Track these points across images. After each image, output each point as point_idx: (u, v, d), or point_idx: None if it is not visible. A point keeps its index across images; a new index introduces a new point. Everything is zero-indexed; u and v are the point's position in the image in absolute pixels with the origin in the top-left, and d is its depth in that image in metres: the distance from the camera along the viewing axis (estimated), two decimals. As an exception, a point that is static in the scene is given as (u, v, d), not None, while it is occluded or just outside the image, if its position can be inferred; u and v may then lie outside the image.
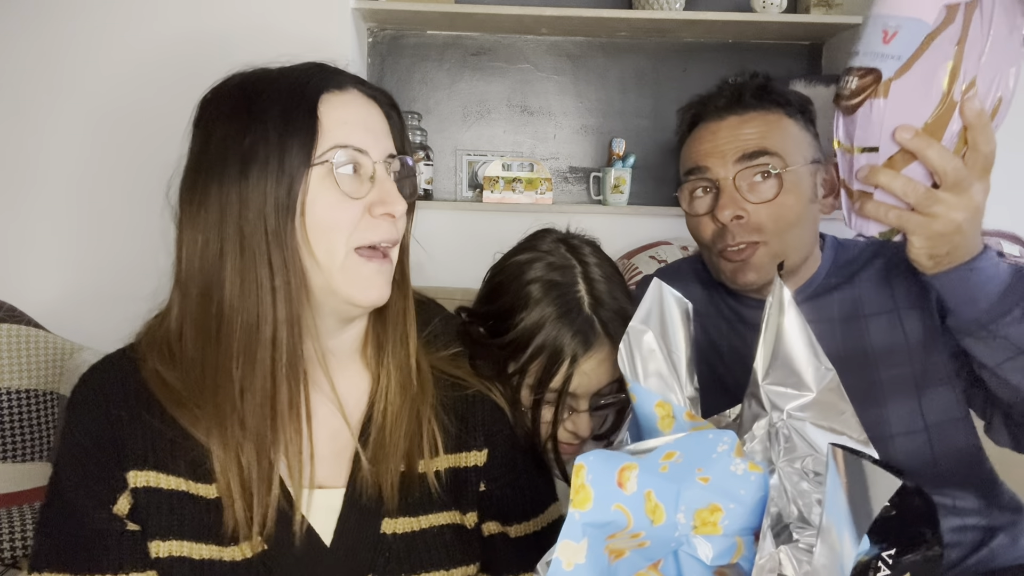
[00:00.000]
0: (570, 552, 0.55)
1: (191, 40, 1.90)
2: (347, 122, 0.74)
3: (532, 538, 0.87)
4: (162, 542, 0.74)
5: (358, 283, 0.74)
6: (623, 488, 0.57)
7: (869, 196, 0.78)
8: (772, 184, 1.00)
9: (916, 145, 0.73)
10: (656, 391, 0.67)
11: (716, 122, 1.04)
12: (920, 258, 0.81)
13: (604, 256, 0.95)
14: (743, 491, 0.59)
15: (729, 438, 0.59)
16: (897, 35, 0.71)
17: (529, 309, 0.88)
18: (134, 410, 0.76)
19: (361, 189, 0.73)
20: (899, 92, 0.72)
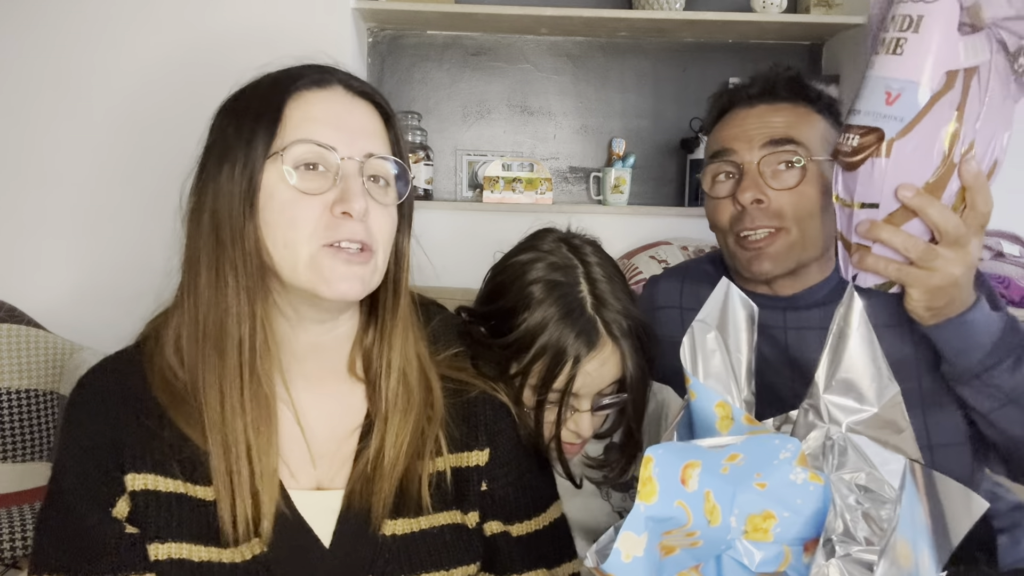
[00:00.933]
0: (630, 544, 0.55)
1: (192, 42, 1.90)
2: (315, 119, 0.73)
3: (534, 536, 0.87)
4: (161, 544, 0.74)
5: (324, 277, 0.72)
6: (686, 485, 0.57)
7: (867, 249, 0.81)
8: (795, 173, 1.01)
9: (918, 203, 0.76)
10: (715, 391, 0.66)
11: (746, 109, 1.05)
12: (918, 310, 0.84)
13: (605, 255, 0.95)
14: (800, 500, 0.59)
15: (793, 446, 0.59)
16: (900, 97, 0.74)
17: (531, 310, 0.88)
18: (132, 413, 0.76)
19: (321, 185, 0.72)
20: (901, 152, 0.75)
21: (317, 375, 0.81)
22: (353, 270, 0.73)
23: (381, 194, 0.76)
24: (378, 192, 0.76)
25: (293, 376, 0.79)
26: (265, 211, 0.72)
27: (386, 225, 0.77)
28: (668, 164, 2.23)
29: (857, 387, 0.63)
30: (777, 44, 2.18)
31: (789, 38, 2.16)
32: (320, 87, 0.75)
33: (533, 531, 0.87)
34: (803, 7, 2.09)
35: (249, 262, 0.71)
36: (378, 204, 0.75)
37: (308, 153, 0.72)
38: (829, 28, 2.05)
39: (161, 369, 0.76)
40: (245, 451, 0.73)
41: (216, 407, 0.73)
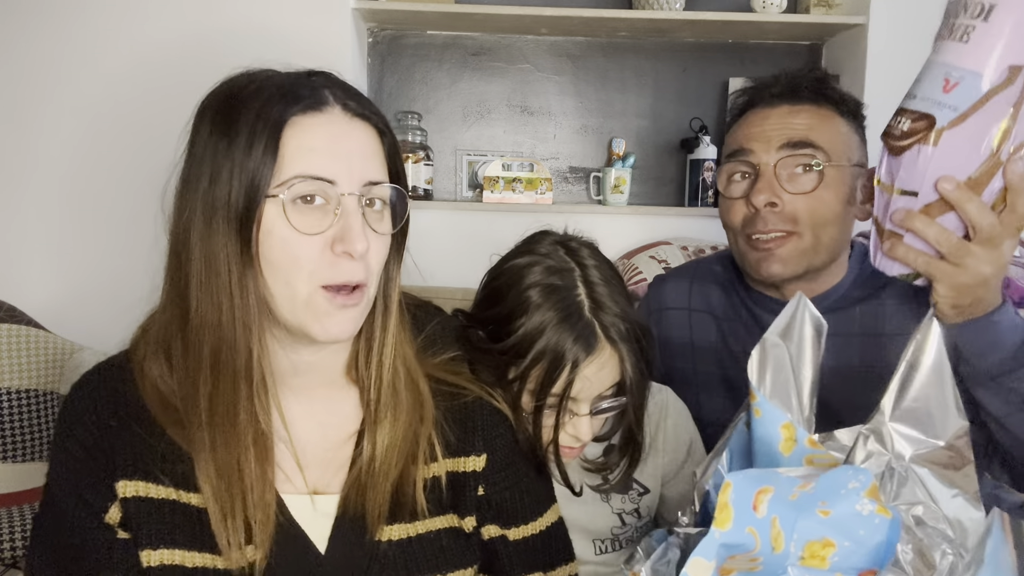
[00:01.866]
0: (700, 570, 0.55)
1: (191, 40, 1.90)
2: (313, 148, 0.69)
3: (531, 540, 0.87)
4: (153, 551, 0.73)
5: (318, 321, 0.71)
6: (756, 511, 0.57)
7: (899, 238, 0.79)
8: (812, 177, 1.00)
9: (957, 197, 0.74)
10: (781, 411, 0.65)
11: (767, 108, 1.04)
12: (943, 307, 0.82)
13: (603, 258, 0.95)
14: (863, 531, 0.58)
15: (864, 477, 0.58)
16: (958, 86, 0.72)
17: (529, 314, 0.87)
18: (123, 420, 0.75)
19: (322, 223, 0.69)
20: (949, 142, 0.73)
21: (311, 385, 0.81)
22: (348, 314, 0.72)
23: (377, 220, 0.74)
24: (375, 219, 0.73)
25: (287, 387, 0.79)
26: (264, 247, 0.69)
27: (381, 254, 0.75)
28: (668, 164, 2.23)
29: (925, 418, 0.61)
30: (777, 44, 2.18)
31: (789, 38, 2.15)
32: (316, 111, 0.71)
33: (530, 535, 0.87)
34: (803, 7, 2.09)
35: (247, 295, 0.69)
36: (375, 234, 0.73)
37: (308, 188, 0.69)
38: (829, 28, 2.05)
39: (152, 377, 0.75)
40: (238, 480, 0.72)
41: (207, 435, 0.71)
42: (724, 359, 1.15)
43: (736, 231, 1.05)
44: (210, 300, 0.69)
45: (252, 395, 0.72)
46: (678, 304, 1.20)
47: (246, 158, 0.68)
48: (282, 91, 0.70)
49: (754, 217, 1.01)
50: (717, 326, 1.16)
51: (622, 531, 1.01)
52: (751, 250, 1.03)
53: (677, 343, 1.19)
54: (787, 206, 0.99)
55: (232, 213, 0.68)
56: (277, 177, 0.68)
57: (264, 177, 0.68)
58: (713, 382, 1.15)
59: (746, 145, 1.02)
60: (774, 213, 0.99)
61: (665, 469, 1.02)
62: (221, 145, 0.69)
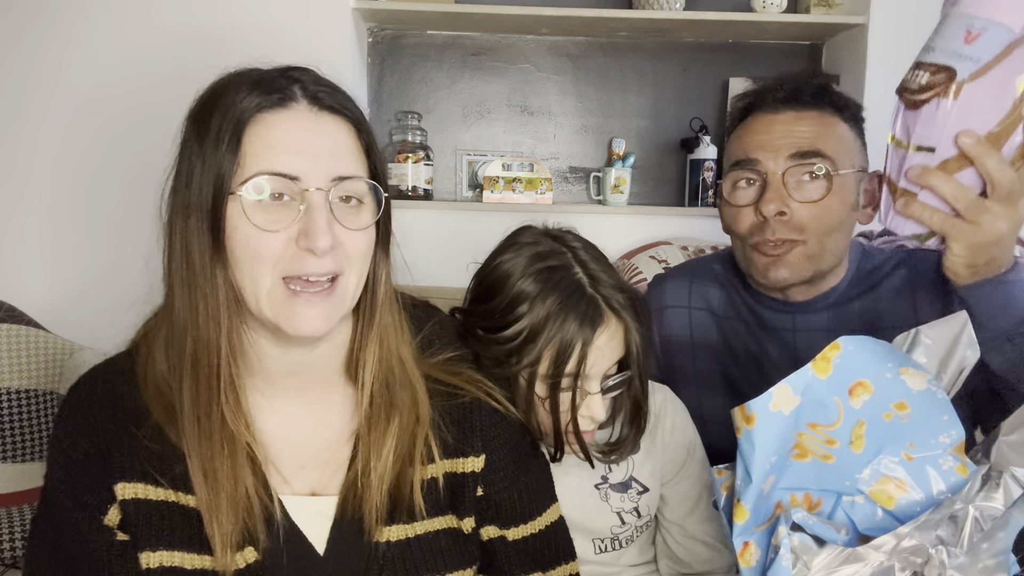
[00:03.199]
0: (784, 397, 0.56)
1: (191, 39, 1.90)
2: (276, 145, 0.69)
3: (531, 540, 0.87)
4: (152, 552, 0.73)
5: (285, 314, 0.71)
6: (851, 396, 0.58)
7: (913, 196, 0.77)
8: (820, 185, 0.99)
9: (977, 151, 0.73)
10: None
11: (771, 114, 1.03)
12: (957, 267, 0.81)
13: (585, 240, 0.96)
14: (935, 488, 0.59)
15: (957, 432, 0.58)
16: (981, 37, 0.70)
17: (531, 302, 0.88)
18: (121, 422, 0.75)
19: (286, 219, 0.69)
20: (970, 95, 0.71)
21: (306, 386, 0.80)
22: (315, 311, 0.71)
23: (351, 215, 0.73)
24: (349, 215, 0.72)
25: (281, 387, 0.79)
26: (231, 242, 0.69)
27: (361, 246, 0.74)
28: (668, 164, 2.23)
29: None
30: (777, 44, 2.18)
31: (789, 38, 2.15)
32: (282, 107, 0.70)
33: (529, 535, 0.87)
34: (803, 7, 2.09)
35: (218, 291, 0.70)
36: (348, 230, 0.72)
37: (270, 185, 0.69)
38: (829, 28, 2.05)
39: (153, 377, 0.76)
40: (213, 476, 0.72)
41: (191, 429, 0.72)
42: (724, 357, 1.15)
43: (742, 238, 1.05)
44: (188, 299, 0.70)
45: (219, 394, 0.72)
46: (678, 303, 1.20)
47: (212, 156, 0.69)
48: (250, 88, 0.71)
49: (762, 225, 1.01)
50: (717, 325, 1.17)
51: (622, 530, 1.01)
52: (758, 255, 1.03)
53: (677, 341, 1.19)
54: (795, 215, 0.99)
55: (203, 211, 0.69)
56: (240, 175, 0.69)
57: (227, 174, 0.68)
58: (714, 380, 1.15)
59: (752, 155, 1.02)
60: (782, 222, 0.99)
61: (665, 469, 1.03)
62: (196, 145, 0.70)
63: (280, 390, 0.79)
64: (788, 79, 1.06)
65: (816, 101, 1.03)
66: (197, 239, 0.69)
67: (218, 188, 0.68)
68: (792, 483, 0.62)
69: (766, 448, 0.59)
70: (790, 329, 1.09)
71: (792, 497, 0.63)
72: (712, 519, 1.04)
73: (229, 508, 0.72)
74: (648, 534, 1.06)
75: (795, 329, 1.09)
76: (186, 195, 0.70)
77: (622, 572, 1.04)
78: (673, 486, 1.04)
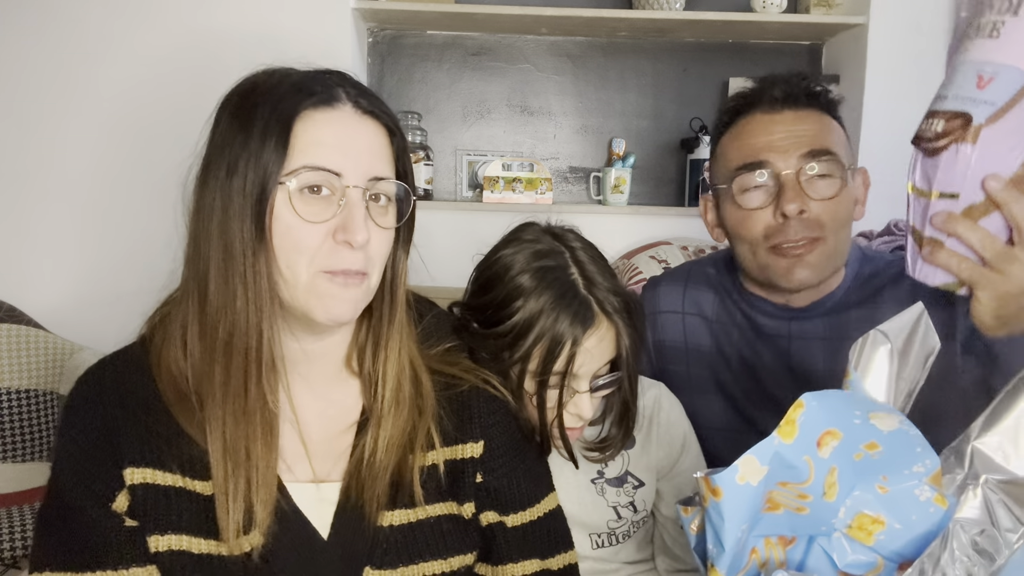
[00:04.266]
0: (750, 469, 0.55)
1: (192, 41, 1.90)
2: (322, 142, 0.73)
3: (529, 527, 0.88)
4: (161, 536, 0.75)
5: (320, 302, 0.74)
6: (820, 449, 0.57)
7: (940, 244, 0.76)
8: (835, 183, 1.00)
9: (1004, 197, 0.71)
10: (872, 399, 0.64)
11: (770, 114, 1.03)
12: (984, 317, 0.78)
13: (586, 240, 0.97)
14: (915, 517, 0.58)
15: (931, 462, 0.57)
16: (993, 81, 0.70)
17: (525, 297, 0.89)
18: (130, 409, 0.77)
19: (325, 212, 0.72)
20: (989, 139, 0.70)
21: (313, 375, 0.82)
22: (348, 293, 0.75)
23: (381, 215, 0.77)
24: (378, 213, 0.76)
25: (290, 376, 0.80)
26: (273, 232, 0.72)
27: (383, 247, 0.78)
28: (668, 164, 2.23)
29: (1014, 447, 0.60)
30: (777, 44, 2.18)
31: (789, 38, 2.16)
32: (329, 106, 0.74)
33: (528, 522, 0.88)
34: (803, 7, 2.09)
35: (260, 279, 0.72)
36: (377, 228, 0.76)
37: (314, 178, 0.72)
38: (829, 28, 2.05)
39: (168, 364, 0.77)
40: (244, 459, 0.74)
41: (219, 413, 0.73)
42: (717, 363, 1.15)
43: (755, 242, 1.04)
44: (226, 284, 0.72)
45: (261, 376, 0.74)
46: (671, 308, 1.20)
47: (260, 149, 0.71)
48: (297, 87, 0.74)
49: (783, 226, 1.00)
50: (710, 329, 1.17)
51: (618, 525, 1.02)
52: (778, 259, 1.02)
53: (671, 346, 1.19)
54: (812, 213, 0.99)
55: (248, 200, 0.71)
56: (287, 166, 0.71)
57: (275, 166, 0.71)
58: (707, 386, 1.15)
59: (761, 157, 1.01)
60: (801, 220, 0.99)
61: (660, 463, 1.03)
62: (239, 138, 0.72)
63: (294, 376, 0.81)
64: (779, 80, 1.06)
65: (811, 101, 1.04)
66: (240, 227, 0.71)
67: (265, 178, 0.71)
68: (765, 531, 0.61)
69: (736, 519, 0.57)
70: (785, 336, 1.09)
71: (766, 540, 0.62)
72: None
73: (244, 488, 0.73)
74: (645, 530, 1.06)
75: (791, 336, 1.09)
76: (228, 185, 0.72)
77: (619, 569, 1.04)
78: (668, 480, 1.04)
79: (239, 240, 0.71)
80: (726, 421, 1.13)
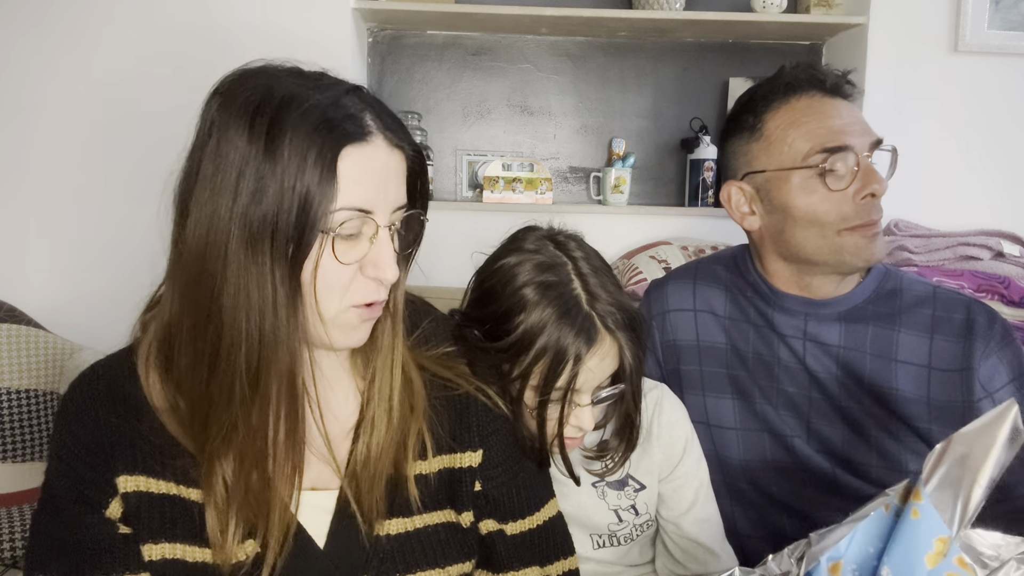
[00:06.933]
0: None
1: (190, 38, 1.90)
2: (359, 182, 0.69)
3: (529, 535, 0.87)
4: (154, 545, 0.74)
5: (343, 332, 0.74)
6: None
7: None
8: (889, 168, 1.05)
9: None
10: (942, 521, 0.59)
11: (831, 99, 1.05)
12: None
13: (590, 248, 0.95)
14: None
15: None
16: None
17: (527, 312, 0.88)
18: (123, 416, 0.76)
19: (360, 251, 0.71)
20: None
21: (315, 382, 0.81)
22: (367, 325, 0.76)
23: (399, 241, 0.76)
24: (398, 240, 0.75)
25: None
26: (305, 272, 0.69)
27: (403, 272, 0.78)
28: (668, 164, 2.23)
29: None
30: (777, 44, 2.18)
31: (789, 38, 2.16)
32: (363, 141, 0.70)
33: (527, 529, 0.87)
34: (803, 7, 2.09)
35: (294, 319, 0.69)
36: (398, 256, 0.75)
37: (351, 221, 0.69)
38: (829, 28, 2.05)
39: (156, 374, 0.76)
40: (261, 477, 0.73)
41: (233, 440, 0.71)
42: (730, 360, 1.15)
43: (831, 224, 1.02)
44: (247, 319, 0.68)
45: (296, 408, 0.72)
46: (682, 306, 1.20)
47: (298, 183, 0.66)
48: (328, 115, 0.68)
49: (867, 207, 1.01)
50: (721, 327, 1.16)
51: (619, 527, 1.01)
52: (857, 239, 1.02)
53: (684, 345, 1.18)
54: (880, 195, 1.03)
55: (282, 238, 0.66)
56: (330, 204, 0.68)
57: (320, 207, 0.67)
58: (720, 383, 1.15)
59: (845, 141, 1.01)
60: (876, 201, 1.02)
61: (661, 466, 1.03)
62: (266, 164, 0.66)
63: None
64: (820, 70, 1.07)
65: (851, 92, 1.07)
66: (271, 265, 0.67)
67: (308, 219, 0.67)
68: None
69: None
70: (800, 338, 1.09)
71: None
72: (708, 520, 1.04)
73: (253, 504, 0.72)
74: (650, 534, 1.06)
75: (805, 338, 1.09)
76: (254, 214, 0.66)
77: (623, 572, 1.04)
78: (668, 483, 1.04)
79: (270, 277, 0.67)
80: (739, 420, 1.13)
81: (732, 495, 1.14)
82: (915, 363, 1.04)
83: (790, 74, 1.07)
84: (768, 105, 1.06)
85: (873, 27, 1.95)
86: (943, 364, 1.03)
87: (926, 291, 1.09)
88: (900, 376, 1.05)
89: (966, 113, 2.00)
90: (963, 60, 1.97)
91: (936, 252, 1.81)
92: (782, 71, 1.08)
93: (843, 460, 1.08)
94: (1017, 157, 2.01)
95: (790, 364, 1.10)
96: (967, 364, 1.01)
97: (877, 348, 1.06)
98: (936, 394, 1.03)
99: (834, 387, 1.08)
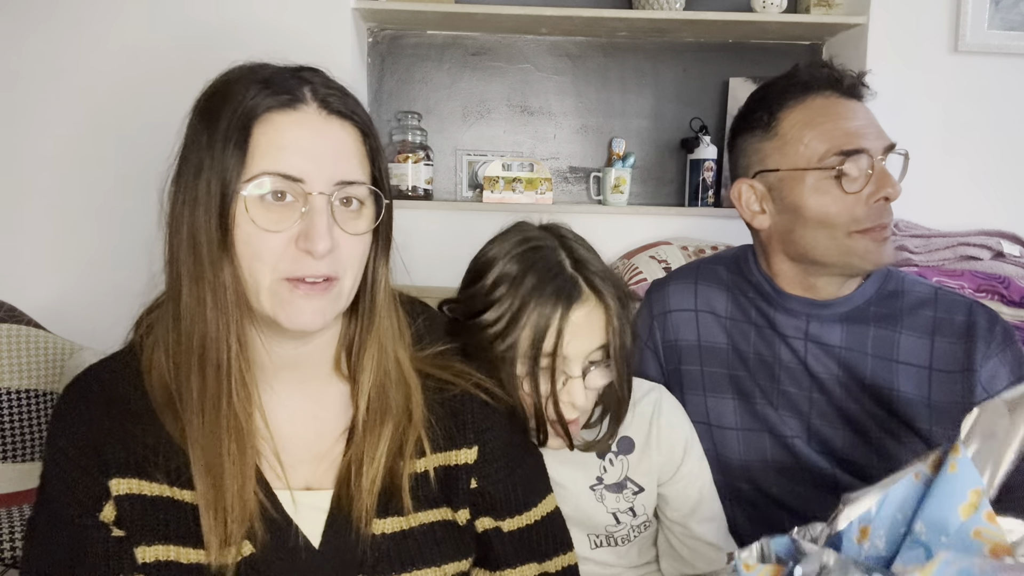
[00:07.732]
0: None
1: (190, 38, 1.90)
2: (284, 147, 0.70)
3: (526, 531, 0.87)
4: (148, 547, 0.74)
5: (283, 310, 0.72)
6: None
7: None
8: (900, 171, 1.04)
9: None
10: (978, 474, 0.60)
11: (846, 100, 1.04)
12: None
13: (580, 236, 0.97)
14: None
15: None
16: None
17: (512, 280, 0.89)
18: (116, 418, 0.76)
19: (287, 220, 0.70)
20: None
21: (302, 380, 0.81)
22: (312, 304, 0.72)
23: (351, 219, 0.74)
24: (348, 217, 0.73)
25: (279, 381, 0.79)
26: (236, 240, 0.70)
27: (356, 251, 0.75)
28: (668, 164, 2.23)
29: None
30: (777, 44, 2.18)
31: (789, 38, 2.15)
32: (291, 108, 0.71)
33: (525, 526, 0.87)
34: (803, 7, 2.09)
35: (227, 287, 0.70)
36: (346, 234, 0.73)
37: (274, 185, 0.70)
38: (829, 28, 2.05)
39: (157, 369, 0.76)
40: (220, 469, 0.72)
41: (195, 423, 0.72)
42: (731, 361, 1.15)
43: (842, 226, 1.02)
44: (196, 293, 0.71)
45: (232, 391, 0.72)
46: (684, 306, 1.20)
47: (222, 152, 0.69)
48: (261, 86, 0.71)
49: (879, 210, 1.01)
50: (722, 327, 1.16)
51: (617, 529, 1.02)
52: (867, 242, 1.02)
53: (685, 345, 1.19)
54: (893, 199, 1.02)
55: (211, 206, 0.69)
56: (246, 172, 0.69)
57: (234, 172, 0.69)
58: (721, 384, 1.15)
59: (862, 144, 1.01)
60: (888, 204, 1.02)
61: (661, 468, 1.03)
62: (203, 138, 0.70)
63: (283, 382, 0.80)
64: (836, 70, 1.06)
65: (865, 93, 1.06)
66: (205, 233, 0.69)
67: (225, 184, 0.69)
68: None
69: None
70: (802, 338, 1.09)
71: None
72: (714, 519, 1.04)
73: (235, 503, 0.72)
74: (649, 534, 1.06)
75: (807, 338, 1.09)
76: (194, 188, 0.70)
77: (622, 573, 1.04)
78: (671, 485, 1.04)
79: (205, 248, 0.69)
80: (740, 420, 1.13)
81: (732, 495, 1.14)
82: (916, 364, 1.04)
83: (806, 72, 1.06)
84: (783, 103, 1.05)
85: (873, 27, 1.95)
86: (944, 366, 1.03)
87: (927, 293, 1.08)
88: (901, 377, 1.05)
89: (966, 113, 2.00)
90: (963, 60, 1.97)
91: (936, 252, 1.81)
92: (798, 69, 1.08)
93: (844, 461, 1.08)
94: (1017, 157, 2.01)
95: (791, 365, 1.10)
96: (968, 366, 1.02)
97: (878, 349, 1.06)
98: (937, 395, 1.03)
99: (835, 388, 1.08)
